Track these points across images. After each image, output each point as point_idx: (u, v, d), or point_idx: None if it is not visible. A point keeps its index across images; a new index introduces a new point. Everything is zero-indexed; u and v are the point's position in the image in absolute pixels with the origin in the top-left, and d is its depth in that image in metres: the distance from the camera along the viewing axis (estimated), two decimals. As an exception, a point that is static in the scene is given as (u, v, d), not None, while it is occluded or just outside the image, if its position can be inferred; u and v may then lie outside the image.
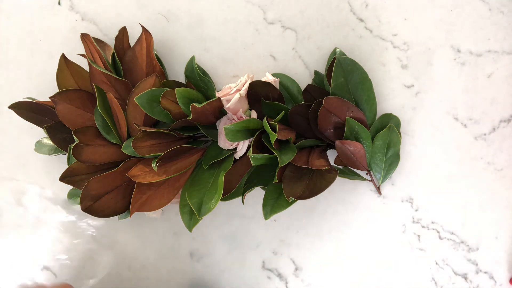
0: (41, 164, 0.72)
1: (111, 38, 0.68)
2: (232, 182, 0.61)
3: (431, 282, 0.68)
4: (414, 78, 0.65)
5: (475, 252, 0.67)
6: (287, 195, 0.57)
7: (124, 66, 0.64)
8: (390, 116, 0.64)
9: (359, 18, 0.65)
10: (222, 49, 0.67)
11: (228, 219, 0.70)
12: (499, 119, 0.65)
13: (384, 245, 0.68)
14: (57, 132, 0.63)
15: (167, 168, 0.60)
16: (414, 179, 0.67)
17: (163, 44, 0.68)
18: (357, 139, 0.62)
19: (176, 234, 0.71)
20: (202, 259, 0.71)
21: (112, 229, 0.72)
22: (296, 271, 0.70)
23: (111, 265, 0.73)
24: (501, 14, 0.63)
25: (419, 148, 0.66)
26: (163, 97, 0.58)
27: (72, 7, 0.69)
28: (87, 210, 0.59)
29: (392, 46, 0.65)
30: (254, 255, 0.71)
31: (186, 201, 0.60)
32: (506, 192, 0.66)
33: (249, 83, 0.60)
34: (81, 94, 0.62)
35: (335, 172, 0.59)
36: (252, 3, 0.66)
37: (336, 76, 0.60)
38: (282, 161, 0.56)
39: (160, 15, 0.67)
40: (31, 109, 0.65)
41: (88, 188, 0.58)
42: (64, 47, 0.69)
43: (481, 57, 0.64)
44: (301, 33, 0.66)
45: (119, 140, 0.61)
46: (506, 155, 0.65)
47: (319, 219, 0.69)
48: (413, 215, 0.67)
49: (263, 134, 0.60)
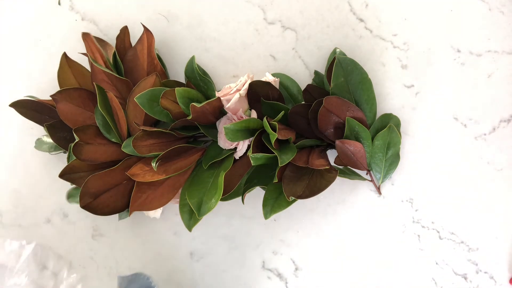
0: (41, 163, 0.72)
1: (111, 38, 0.68)
2: (232, 182, 0.61)
3: (431, 282, 0.68)
4: (414, 78, 0.65)
5: (475, 252, 0.67)
6: (287, 194, 0.57)
7: (125, 65, 0.64)
8: (390, 116, 0.64)
9: (359, 18, 0.65)
10: (222, 49, 0.67)
11: (228, 219, 0.70)
12: (499, 119, 0.65)
13: (384, 245, 0.68)
14: (57, 130, 0.63)
15: (167, 168, 0.60)
16: (414, 179, 0.67)
17: (163, 44, 0.68)
18: (357, 139, 0.62)
19: (176, 234, 0.71)
20: (202, 259, 0.71)
21: (112, 229, 0.72)
22: (296, 271, 0.70)
23: (110, 265, 0.73)
24: (501, 14, 0.64)
25: (419, 148, 0.66)
26: (163, 96, 0.59)
27: (72, 7, 0.69)
28: (86, 208, 0.59)
29: (392, 46, 0.65)
30: (254, 255, 0.70)
31: (186, 200, 0.60)
32: (506, 192, 0.66)
33: (249, 83, 0.61)
34: (82, 93, 0.62)
35: (335, 172, 0.59)
36: (252, 3, 0.66)
37: (336, 76, 0.60)
38: (282, 160, 0.56)
39: (160, 15, 0.68)
40: (32, 108, 0.65)
41: (87, 186, 0.58)
42: (64, 47, 0.69)
43: (481, 57, 0.64)
44: (301, 33, 0.66)
45: (119, 139, 0.62)
46: (506, 155, 0.65)
47: (319, 219, 0.69)
48: (413, 215, 0.67)
49: (263, 134, 0.60)
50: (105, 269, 0.73)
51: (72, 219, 0.73)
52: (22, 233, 0.74)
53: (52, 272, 0.73)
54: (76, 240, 0.73)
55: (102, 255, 0.73)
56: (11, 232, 0.74)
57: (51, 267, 0.73)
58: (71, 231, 0.73)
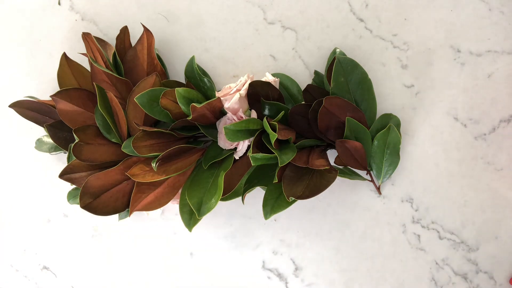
0: (41, 163, 0.72)
1: (110, 38, 0.68)
2: (232, 182, 0.61)
3: (431, 282, 0.68)
4: (414, 78, 0.65)
5: (475, 252, 0.67)
6: (287, 195, 0.57)
7: (125, 66, 0.64)
8: (390, 116, 0.64)
9: (359, 18, 0.65)
10: (222, 49, 0.67)
11: (228, 219, 0.70)
12: (499, 119, 0.65)
13: (384, 245, 0.68)
14: (57, 130, 0.63)
15: (167, 168, 0.60)
16: (414, 179, 0.67)
17: (163, 44, 0.68)
18: (357, 139, 0.62)
19: (176, 234, 0.71)
20: (202, 259, 0.71)
21: (112, 229, 0.72)
22: (296, 271, 0.70)
23: (110, 265, 0.73)
24: (501, 14, 0.64)
25: (419, 148, 0.66)
26: (163, 97, 0.58)
27: (72, 7, 0.69)
28: (86, 208, 0.59)
29: (392, 46, 0.65)
30: (254, 255, 0.70)
31: (186, 201, 0.60)
32: (506, 192, 0.66)
33: (249, 83, 0.61)
34: (82, 93, 0.62)
35: (335, 172, 0.59)
36: (252, 3, 0.66)
37: (336, 76, 0.60)
38: (282, 161, 0.56)
39: (160, 15, 0.68)
40: (32, 108, 0.65)
41: (87, 186, 0.58)
42: (64, 47, 0.69)
43: (481, 57, 0.64)
44: (301, 33, 0.66)
45: (119, 139, 0.62)
46: (506, 155, 0.65)
47: (319, 219, 0.69)
48: (413, 215, 0.67)
49: (263, 134, 0.60)
50: (105, 269, 0.73)
51: (72, 219, 0.73)
52: (22, 233, 0.74)
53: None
54: (76, 240, 0.73)
55: (102, 255, 0.73)
56: (12, 232, 0.74)
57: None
58: (71, 231, 0.73)
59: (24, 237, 0.74)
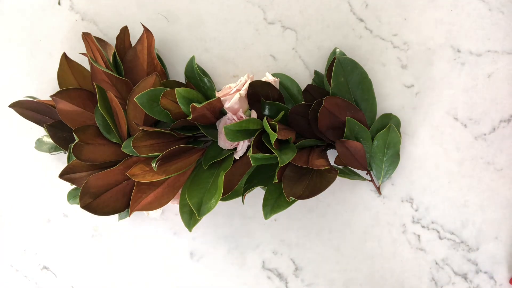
0: (41, 163, 0.72)
1: (110, 38, 0.68)
2: (232, 182, 0.61)
3: (431, 282, 0.68)
4: (414, 78, 0.65)
5: (475, 252, 0.67)
6: (287, 195, 0.57)
7: (125, 66, 0.64)
8: (390, 116, 0.64)
9: (359, 18, 0.65)
10: (222, 49, 0.67)
11: (228, 219, 0.70)
12: (499, 119, 0.65)
13: (384, 245, 0.68)
14: (57, 130, 0.63)
15: (167, 168, 0.60)
16: (414, 179, 0.67)
17: (163, 44, 0.68)
18: (357, 139, 0.62)
19: (176, 234, 0.71)
20: (202, 259, 0.71)
21: (112, 229, 0.72)
22: (296, 271, 0.70)
23: (110, 265, 0.73)
24: (501, 14, 0.64)
25: (419, 148, 0.66)
26: (163, 97, 0.58)
27: (72, 7, 0.69)
28: (86, 208, 0.59)
29: (392, 46, 0.65)
30: (254, 255, 0.70)
31: (186, 200, 0.60)
32: (506, 192, 0.66)
33: (249, 83, 0.61)
34: (82, 93, 0.62)
35: (335, 172, 0.59)
36: (252, 3, 0.66)
37: (336, 76, 0.60)
38: (282, 161, 0.56)
39: (160, 15, 0.68)
40: (32, 108, 0.65)
41: (87, 186, 0.58)
42: (64, 47, 0.69)
43: (481, 57, 0.64)
44: (301, 33, 0.66)
45: (119, 139, 0.62)
46: (506, 155, 0.65)
47: (319, 219, 0.69)
48: (413, 215, 0.67)
49: (263, 134, 0.60)
50: (105, 269, 0.73)
51: (72, 219, 0.73)
52: (22, 233, 0.74)
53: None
54: (76, 240, 0.73)
55: (102, 255, 0.73)
56: (12, 232, 0.74)
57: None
58: (71, 231, 0.73)
59: (24, 237, 0.74)
